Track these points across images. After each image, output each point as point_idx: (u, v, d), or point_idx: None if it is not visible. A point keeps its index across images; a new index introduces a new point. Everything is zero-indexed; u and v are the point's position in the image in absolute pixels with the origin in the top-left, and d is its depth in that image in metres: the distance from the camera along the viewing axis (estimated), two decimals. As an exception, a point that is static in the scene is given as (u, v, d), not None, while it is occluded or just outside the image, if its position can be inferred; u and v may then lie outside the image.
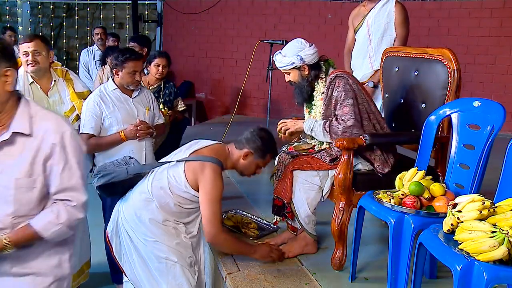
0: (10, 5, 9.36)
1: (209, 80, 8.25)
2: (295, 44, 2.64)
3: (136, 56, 3.06)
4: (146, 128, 3.05)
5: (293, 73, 2.64)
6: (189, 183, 2.33)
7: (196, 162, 2.35)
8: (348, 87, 2.52)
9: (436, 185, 2.17)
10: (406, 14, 3.67)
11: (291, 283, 2.43)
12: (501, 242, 1.64)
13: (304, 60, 2.58)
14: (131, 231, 2.40)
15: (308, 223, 2.63)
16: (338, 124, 2.50)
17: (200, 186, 2.33)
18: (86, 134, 2.94)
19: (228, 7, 7.93)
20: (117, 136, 2.99)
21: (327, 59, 2.70)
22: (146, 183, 2.43)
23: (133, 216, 2.40)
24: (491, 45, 6.31)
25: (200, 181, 2.32)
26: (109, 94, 3.03)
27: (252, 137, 2.46)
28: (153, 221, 2.36)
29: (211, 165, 2.34)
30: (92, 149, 3.03)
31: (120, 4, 8.88)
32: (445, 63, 2.54)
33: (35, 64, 2.78)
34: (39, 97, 2.82)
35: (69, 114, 2.93)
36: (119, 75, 3.01)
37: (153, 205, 2.37)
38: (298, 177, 2.60)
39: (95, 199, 4.89)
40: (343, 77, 2.54)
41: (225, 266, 2.62)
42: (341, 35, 6.66)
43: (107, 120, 2.98)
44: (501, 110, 2.14)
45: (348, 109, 2.49)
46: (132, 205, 2.42)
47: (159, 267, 2.36)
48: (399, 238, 2.11)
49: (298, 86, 2.66)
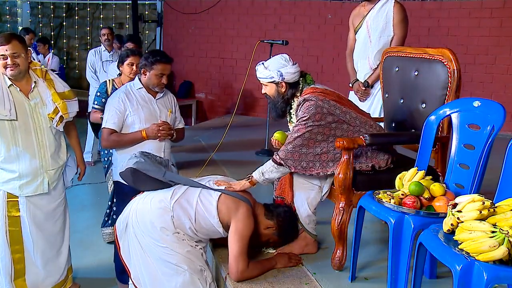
0: (10, 5, 9.36)
1: (209, 80, 8.25)
2: (279, 60, 2.59)
3: (166, 59, 3.06)
4: (168, 129, 3.07)
5: (270, 87, 2.61)
6: (219, 216, 2.36)
7: (232, 198, 2.38)
8: (313, 110, 2.43)
9: (436, 185, 2.17)
10: (405, 14, 3.67)
11: (291, 283, 2.43)
12: (501, 242, 1.64)
13: (284, 77, 2.54)
14: (141, 235, 2.39)
15: (308, 223, 2.63)
16: (288, 144, 2.46)
17: (232, 222, 2.35)
18: (108, 129, 2.95)
19: (228, 7, 7.93)
20: (139, 134, 3.00)
21: (306, 74, 2.65)
22: (170, 195, 2.40)
23: (145, 221, 2.38)
24: (491, 45, 6.31)
25: (233, 217, 2.35)
26: (134, 92, 3.05)
27: (284, 217, 2.52)
28: (164, 229, 2.36)
29: (246, 205, 2.39)
30: (113, 145, 3.04)
31: (120, 4, 8.88)
32: (445, 63, 2.54)
33: (15, 67, 2.61)
34: (19, 100, 2.69)
35: (53, 115, 2.78)
36: (146, 76, 3.03)
37: (168, 216, 2.36)
38: (298, 177, 2.60)
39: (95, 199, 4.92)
40: (310, 100, 2.47)
41: (225, 266, 2.61)
42: (341, 35, 6.68)
43: (130, 117, 3.00)
44: (501, 110, 2.14)
45: (302, 128, 2.43)
46: (148, 210, 2.40)
47: (167, 271, 2.35)
48: (399, 238, 2.11)
49: (272, 101, 2.63)
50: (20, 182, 2.74)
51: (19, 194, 2.77)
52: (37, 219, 2.84)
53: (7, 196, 2.77)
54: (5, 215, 2.77)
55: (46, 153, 2.79)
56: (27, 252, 2.83)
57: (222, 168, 4.34)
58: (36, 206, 2.83)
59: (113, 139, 2.98)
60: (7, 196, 2.77)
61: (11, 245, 2.79)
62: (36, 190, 2.79)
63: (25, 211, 2.79)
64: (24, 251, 2.82)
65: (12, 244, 2.79)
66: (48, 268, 2.92)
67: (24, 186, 2.76)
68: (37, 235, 2.84)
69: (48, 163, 2.81)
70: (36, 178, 2.78)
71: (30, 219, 2.81)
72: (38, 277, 2.88)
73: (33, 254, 2.85)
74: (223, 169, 4.32)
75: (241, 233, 2.34)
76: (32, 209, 2.81)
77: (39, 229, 2.85)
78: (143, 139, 3.02)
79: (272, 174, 2.49)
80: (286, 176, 2.64)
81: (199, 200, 2.39)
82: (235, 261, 2.34)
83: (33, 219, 2.82)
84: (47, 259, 2.92)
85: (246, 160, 4.64)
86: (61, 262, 3.02)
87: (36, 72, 2.78)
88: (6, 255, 2.78)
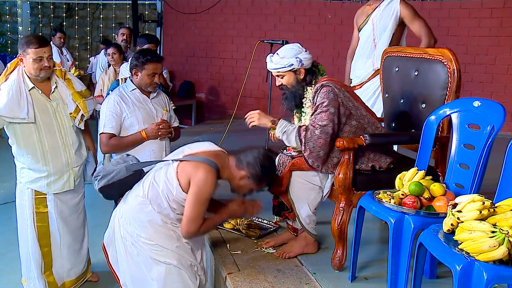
0: (10, 5, 9.35)
1: (209, 80, 8.25)
2: (293, 47, 2.59)
3: (157, 58, 3.02)
4: (168, 127, 3.05)
5: (288, 76, 2.58)
6: (181, 186, 2.26)
7: (191, 163, 2.28)
8: (332, 96, 2.45)
9: (436, 185, 2.17)
10: (412, 7, 3.61)
11: (291, 283, 2.43)
12: (501, 242, 1.64)
13: (303, 63, 2.54)
14: (128, 236, 2.33)
15: (309, 223, 2.63)
16: (314, 129, 2.44)
17: (190, 186, 2.25)
18: (107, 134, 2.90)
19: (228, 7, 7.93)
20: (138, 135, 2.96)
21: (318, 64, 2.65)
22: (141, 186, 2.36)
23: (130, 220, 2.33)
24: (491, 45, 6.31)
25: (191, 181, 2.24)
26: (129, 94, 3.01)
27: (254, 163, 2.35)
28: (152, 223, 2.30)
29: (206, 166, 2.26)
30: (113, 149, 3.00)
31: (120, 4, 8.88)
32: (445, 63, 2.54)
33: (49, 68, 2.72)
34: (41, 102, 2.76)
35: (75, 115, 2.89)
36: (138, 76, 2.98)
37: (149, 208, 2.30)
38: (299, 178, 2.60)
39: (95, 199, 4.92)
40: (328, 86, 2.48)
41: (225, 266, 2.62)
42: (341, 35, 6.69)
43: (127, 119, 2.95)
44: (501, 110, 2.14)
45: (325, 116, 2.43)
46: (129, 209, 2.35)
47: (156, 272, 2.30)
48: (399, 238, 2.11)
49: (291, 90, 2.60)
50: (48, 180, 2.84)
51: (47, 192, 2.87)
52: (63, 214, 2.96)
53: (35, 193, 2.88)
54: (34, 211, 2.88)
55: (71, 151, 2.89)
56: (54, 245, 2.96)
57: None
58: (63, 202, 2.94)
59: (113, 143, 2.92)
60: (35, 193, 2.88)
61: (39, 239, 2.91)
62: (63, 187, 2.90)
63: (53, 207, 2.90)
64: (51, 244, 2.95)
65: (41, 239, 2.92)
66: (72, 260, 3.05)
67: (52, 184, 2.86)
68: (64, 229, 2.97)
69: (73, 160, 2.90)
70: (63, 176, 2.88)
71: (57, 214, 2.92)
72: (64, 269, 3.02)
73: (60, 247, 2.98)
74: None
75: (197, 197, 2.23)
76: (59, 204, 2.92)
77: (65, 223, 2.97)
78: (144, 140, 2.98)
79: (291, 140, 2.53)
80: (284, 176, 2.63)
81: (165, 177, 2.31)
82: (187, 223, 2.25)
83: (60, 214, 2.93)
84: (72, 252, 3.05)
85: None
86: (83, 254, 3.15)
87: (56, 73, 2.86)
88: (36, 249, 2.91)
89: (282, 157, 2.80)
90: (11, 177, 5.26)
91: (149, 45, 4.39)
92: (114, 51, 4.98)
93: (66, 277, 3.04)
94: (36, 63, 2.65)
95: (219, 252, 2.74)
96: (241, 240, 2.94)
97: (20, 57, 2.70)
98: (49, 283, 2.96)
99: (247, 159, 2.36)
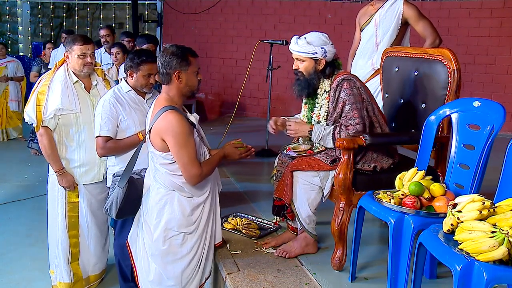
0: (10, 5, 9.36)
1: (209, 80, 8.25)
2: (321, 37, 2.61)
3: (152, 58, 2.99)
4: None
5: (308, 63, 2.60)
6: (159, 150, 2.31)
7: (154, 124, 2.30)
8: (355, 91, 2.52)
9: (436, 185, 2.17)
10: (416, 7, 3.61)
11: (291, 283, 2.43)
12: (501, 242, 1.64)
13: (327, 54, 2.57)
14: (150, 225, 2.44)
15: (309, 223, 2.63)
16: (348, 131, 2.50)
17: (166, 138, 2.28)
18: (104, 137, 2.85)
19: (228, 7, 7.93)
20: (135, 137, 2.90)
21: (337, 58, 2.67)
22: (145, 181, 2.48)
23: (146, 206, 2.46)
24: (491, 45, 6.31)
25: (165, 134, 2.27)
26: (124, 96, 2.95)
27: (165, 62, 2.32)
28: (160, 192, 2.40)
29: (165, 113, 2.26)
30: (110, 152, 2.93)
31: (120, 4, 8.89)
32: (445, 63, 2.54)
33: (91, 65, 2.92)
34: (82, 95, 2.93)
35: None
36: (133, 77, 2.94)
37: (156, 189, 2.42)
38: (299, 178, 2.60)
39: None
40: (350, 80, 2.54)
41: (225, 266, 2.62)
42: (341, 35, 6.69)
43: (124, 122, 2.90)
44: (501, 110, 2.14)
45: (356, 113, 2.50)
46: (147, 203, 2.48)
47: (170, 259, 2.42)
48: (399, 238, 2.11)
49: (306, 77, 2.62)
50: (80, 170, 2.95)
51: (78, 182, 2.97)
52: (92, 206, 3.04)
53: None
54: (66, 201, 2.97)
55: None
56: (82, 237, 3.05)
57: (222, 168, 4.34)
58: (92, 194, 3.03)
59: (110, 146, 2.87)
60: None
61: (69, 230, 3.00)
62: (93, 179, 3.00)
63: (83, 198, 3.00)
64: (80, 236, 3.04)
65: (70, 229, 3.01)
66: (98, 254, 3.14)
67: (83, 174, 2.97)
68: (91, 221, 3.05)
69: None
70: (94, 167, 2.98)
71: (86, 206, 3.02)
72: (89, 262, 3.12)
73: (87, 239, 3.07)
74: (223, 169, 4.32)
75: (176, 141, 2.26)
76: (88, 197, 3.02)
77: (93, 216, 3.06)
78: (140, 142, 2.97)
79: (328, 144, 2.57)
80: (286, 177, 2.63)
81: (150, 157, 2.44)
82: (185, 169, 2.30)
83: (89, 206, 3.03)
84: (98, 245, 3.13)
85: (246, 160, 4.63)
86: (106, 249, 3.24)
87: (97, 72, 3.07)
88: (65, 239, 3.00)
89: (282, 157, 2.81)
90: (11, 177, 5.30)
91: (148, 45, 4.38)
92: (118, 51, 4.93)
93: (91, 271, 3.14)
94: (80, 59, 2.86)
95: (219, 252, 2.74)
96: (241, 240, 2.94)
97: (66, 54, 2.90)
98: (74, 274, 3.05)
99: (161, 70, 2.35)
